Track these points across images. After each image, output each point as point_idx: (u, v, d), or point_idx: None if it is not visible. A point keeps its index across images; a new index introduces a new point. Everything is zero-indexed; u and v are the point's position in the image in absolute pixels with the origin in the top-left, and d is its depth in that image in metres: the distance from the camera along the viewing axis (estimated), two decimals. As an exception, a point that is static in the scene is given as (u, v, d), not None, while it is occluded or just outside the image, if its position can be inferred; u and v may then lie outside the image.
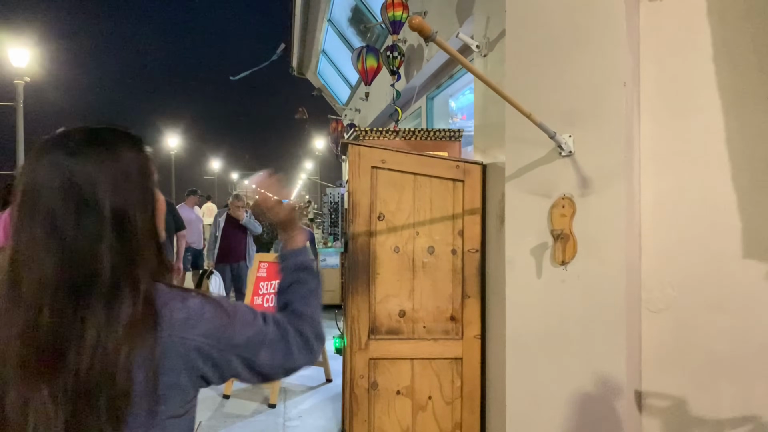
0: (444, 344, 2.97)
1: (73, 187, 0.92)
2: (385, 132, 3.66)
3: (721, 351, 2.31)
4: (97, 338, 0.89)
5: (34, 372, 0.88)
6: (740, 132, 2.25)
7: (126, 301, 0.93)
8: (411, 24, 1.70)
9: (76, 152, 0.95)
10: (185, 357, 0.97)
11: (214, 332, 1.00)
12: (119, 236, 0.95)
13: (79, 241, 0.92)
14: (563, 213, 2.43)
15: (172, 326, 0.96)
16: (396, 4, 4.44)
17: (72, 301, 0.91)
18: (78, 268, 0.92)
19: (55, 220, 0.92)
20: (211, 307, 1.02)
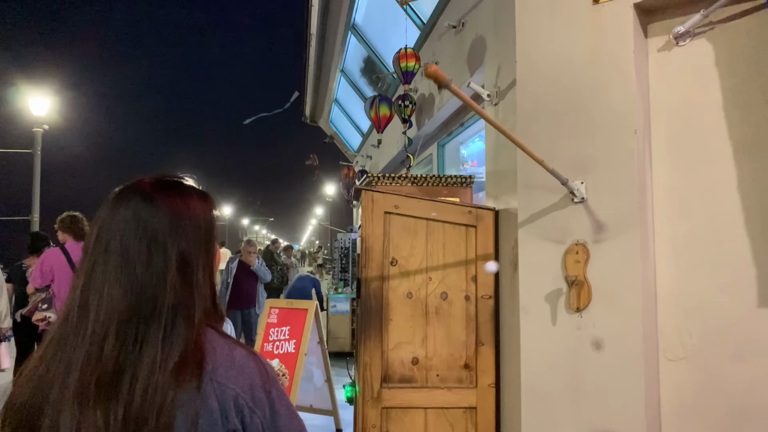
0: (458, 393, 2.92)
1: (147, 230, 1.02)
2: (398, 178, 3.70)
3: (743, 401, 2.25)
4: (150, 371, 0.94)
5: (92, 396, 0.93)
6: (753, 178, 2.26)
7: (180, 340, 0.98)
8: (427, 72, 1.74)
9: (151, 199, 1.04)
10: (222, 404, 0.98)
11: (252, 389, 1.02)
12: (182, 279, 1.02)
13: (146, 278, 0.99)
14: (577, 259, 2.42)
15: (215, 371, 0.99)
16: (409, 55, 4.56)
17: (134, 332, 0.97)
18: (143, 303, 0.98)
19: (128, 256, 1.00)
20: (254, 364, 1.05)
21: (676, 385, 2.41)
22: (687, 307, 2.40)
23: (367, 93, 8.48)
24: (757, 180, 2.25)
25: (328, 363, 5.11)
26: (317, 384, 5.21)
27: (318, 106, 12.40)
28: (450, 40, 4.24)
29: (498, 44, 3.18)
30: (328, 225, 30.13)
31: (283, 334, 4.97)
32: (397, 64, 4.60)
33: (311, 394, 5.24)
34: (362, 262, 2.98)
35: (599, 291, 2.39)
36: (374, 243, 2.96)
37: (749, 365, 2.23)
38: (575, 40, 2.53)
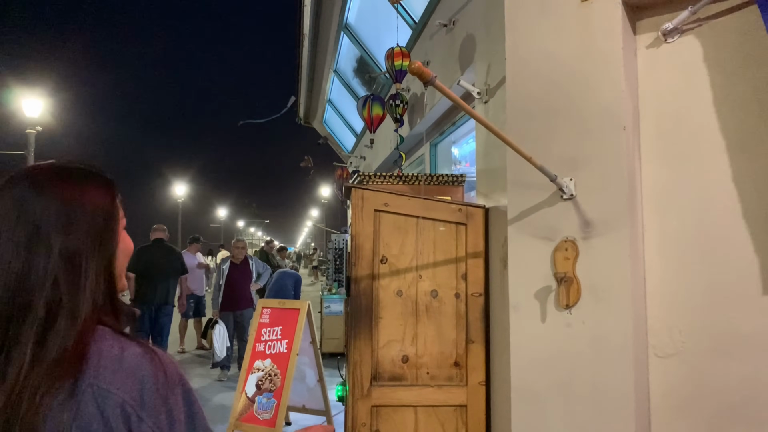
0: (448, 391, 2.91)
1: (29, 219, 0.92)
2: (389, 177, 3.69)
3: (732, 398, 2.24)
4: (17, 375, 0.85)
5: None
6: (743, 175, 2.26)
7: (57, 342, 0.89)
8: (411, 69, 1.73)
9: (39, 186, 0.95)
10: (103, 411, 0.87)
11: (141, 394, 0.91)
12: (66, 275, 0.93)
13: (23, 273, 0.91)
14: (566, 256, 2.42)
15: (98, 375, 0.89)
16: (400, 54, 4.55)
17: (3, 332, 0.88)
18: (17, 300, 0.89)
19: (4, 248, 0.91)
20: (149, 365, 0.93)
21: (665, 381, 2.41)
22: (676, 303, 2.40)
23: (360, 93, 8.47)
24: (746, 176, 2.25)
25: (321, 363, 5.10)
26: (310, 384, 5.19)
27: (312, 107, 12.39)
28: (441, 39, 4.24)
29: (488, 42, 3.18)
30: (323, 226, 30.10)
31: (275, 334, 4.95)
32: (389, 62, 4.59)
33: (304, 395, 5.22)
34: (352, 261, 2.97)
35: (588, 288, 2.38)
36: (364, 241, 2.95)
37: (739, 362, 2.23)
38: (564, 37, 2.53)
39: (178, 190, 39.18)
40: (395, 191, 3.09)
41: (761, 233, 2.21)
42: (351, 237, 3.00)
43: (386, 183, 3.66)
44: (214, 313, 7.06)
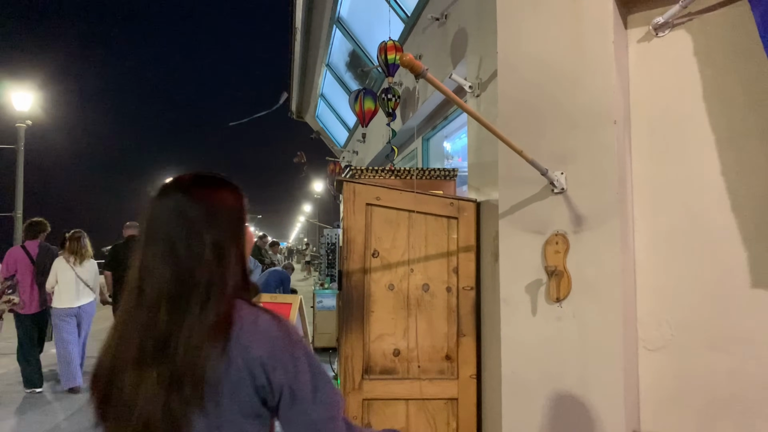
0: (439, 384, 2.92)
1: (186, 219, 1.20)
2: (381, 171, 3.69)
3: (720, 391, 2.26)
4: (189, 335, 1.12)
5: (148, 359, 1.13)
6: (732, 169, 2.27)
7: (213, 311, 1.15)
8: (402, 61, 1.73)
9: (190, 194, 1.23)
10: (247, 364, 1.14)
11: (273, 351, 1.16)
12: (216, 261, 1.19)
13: (187, 261, 1.18)
14: (557, 249, 2.43)
15: (240, 336, 1.15)
16: (391, 47, 4.54)
17: (178, 305, 1.15)
18: (185, 281, 1.17)
19: (172, 243, 1.19)
20: (278, 329, 1.19)
21: (654, 374, 2.42)
22: (666, 297, 2.41)
23: (352, 87, 8.45)
24: (736, 171, 2.26)
25: (313, 357, 5.09)
26: (302, 379, 5.18)
27: (304, 101, 12.35)
28: (433, 33, 4.23)
29: (480, 36, 3.17)
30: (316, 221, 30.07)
31: (267, 328, 4.94)
32: (381, 56, 4.58)
33: (296, 389, 5.21)
34: (344, 255, 2.97)
35: (579, 281, 2.39)
36: (356, 235, 2.94)
37: (727, 355, 2.25)
38: (556, 31, 2.53)
39: (170, 184, 38.93)
40: (387, 185, 3.09)
41: (749, 227, 2.22)
42: (343, 231, 3.00)
43: (378, 177, 3.65)
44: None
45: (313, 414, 1.17)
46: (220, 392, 1.11)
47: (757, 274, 2.19)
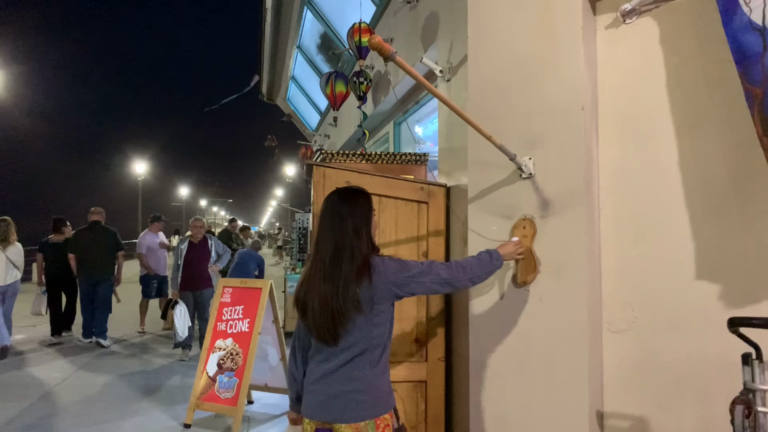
0: (409, 367, 2.94)
1: (338, 213, 2.07)
2: (352, 155, 3.67)
3: (680, 371, 2.33)
4: (346, 275, 1.99)
5: (324, 281, 2.01)
6: (694, 155, 2.32)
7: (357, 262, 2.00)
8: (371, 44, 1.71)
9: (340, 197, 2.12)
10: (386, 284, 2.02)
11: (398, 274, 2.04)
12: (355, 237, 2.03)
13: (339, 236, 2.03)
14: (524, 234, 2.45)
15: (379, 272, 2.02)
16: (362, 29, 4.50)
17: (338, 259, 2.01)
18: (339, 247, 2.02)
19: (331, 226, 2.06)
20: (397, 264, 2.06)
21: (618, 356, 2.48)
22: (630, 280, 2.46)
23: (324, 70, 8.36)
24: (698, 157, 2.31)
25: (284, 342, 5.09)
26: (272, 363, 5.18)
27: (275, 84, 12.19)
28: (405, 16, 4.21)
29: (451, 20, 3.16)
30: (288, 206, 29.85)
31: (237, 313, 4.92)
32: (351, 38, 4.54)
33: (266, 373, 5.22)
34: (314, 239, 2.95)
35: (546, 265, 2.43)
36: (326, 219, 2.93)
37: (687, 336, 2.31)
38: (525, 16, 2.53)
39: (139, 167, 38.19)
40: (358, 169, 3.07)
41: (707, 213, 2.27)
42: (313, 216, 2.98)
43: (349, 161, 3.64)
44: (173, 294, 6.95)
45: (426, 279, 2.07)
46: (374, 300, 1.99)
47: (712, 257, 2.25)
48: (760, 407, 1.77)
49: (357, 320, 1.98)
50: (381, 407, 2.03)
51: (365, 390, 2.01)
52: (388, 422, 2.04)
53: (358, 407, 1.99)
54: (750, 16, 2.00)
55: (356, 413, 1.99)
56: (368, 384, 2.01)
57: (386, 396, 2.07)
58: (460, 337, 2.85)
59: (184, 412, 4.86)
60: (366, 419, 1.99)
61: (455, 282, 2.11)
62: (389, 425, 2.04)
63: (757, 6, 1.98)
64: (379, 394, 2.03)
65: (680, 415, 2.32)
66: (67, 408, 5.16)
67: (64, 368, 6.59)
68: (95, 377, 6.21)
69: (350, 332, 2.00)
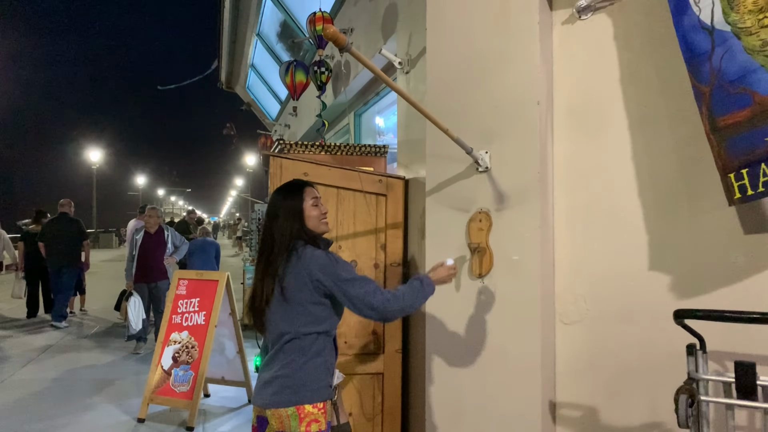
0: (365, 359, 2.94)
1: (273, 206, 2.17)
2: (311, 146, 3.63)
3: (630, 361, 2.39)
4: (277, 260, 2.06)
5: (256, 278, 2.14)
6: (644, 151, 2.37)
7: (282, 250, 2.07)
8: (326, 34, 1.68)
9: (277, 191, 2.22)
10: (307, 274, 2.02)
11: (325, 270, 2.02)
12: (285, 226, 2.10)
13: (270, 227, 2.14)
14: (480, 227, 2.47)
15: (302, 261, 2.03)
16: (322, 18, 4.44)
17: (266, 249, 2.11)
18: (270, 240, 2.12)
19: (268, 219, 2.17)
20: (327, 260, 2.04)
21: (570, 347, 2.53)
22: (582, 273, 2.51)
23: (284, 59, 8.25)
24: (649, 152, 2.36)
25: (240, 334, 5.03)
26: (229, 356, 5.11)
27: (234, 71, 11.96)
28: (365, 7, 4.17)
29: (410, 12, 3.15)
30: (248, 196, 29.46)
31: (193, 306, 4.83)
32: (311, 27, 4.48)
33: (223, 366, 5.15)
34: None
35: (500, 258, 2.45)
36: (282, 211, 2.89)
37: (636, 328, 2.37)
38: (483, 10, 2.54)
39: (93, 155, 37.07)
40: (317, 161, 3.04)
41: (656, 207, 2.33)
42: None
43: (308, 152, 3.60)
44: (127, 285, 6.79)
45: (351, 291, 2.01)
46: (293, 288, 2.02)
47: (661, 250, 2.31)
48: (703, 396, 1.83)
49: (280, 308, 2.04)
50: (305, 396, 1.99)
51: (289, 375, 2.00)
52: (315, 417, 1.99)
53: (281, 393, 1.99)
54: (699, 15, 2.05)
55: (279, 398, 1.99)
56: (294, 370, 2.01)
57: (314, 385, 2.03)
58: (417, 329, 2.87)
59: (137, 406, 4.76)
60: (287, 406, 1.97)
61: (385, 311, 2.00)
62: (317, 420, 1.99)
63: (706, 6, 2.03)
64: (304, 382, 2.01)
65: (629, 404, 2.38)
66: (13, 405, 4.99)
67: (12, 363, 6.37)
68: (44, 372, 6.02)
69: (273, 320, 2.06)
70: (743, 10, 1.93)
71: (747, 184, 1.94)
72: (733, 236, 2.15)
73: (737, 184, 1.97)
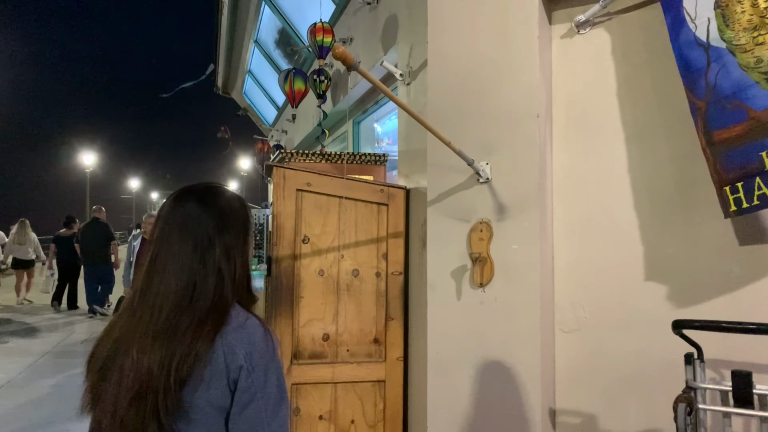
0: (367, 367, 2.98)
1: (199, 225, 1.32)
2: (311, 155, 3.67)
3: (627, 369, 2.44)
4: (184, 333, 1.24)
5: (149, 346, 1.23)
6: (641, 163, 2.43)
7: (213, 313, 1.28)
8: (334, 53, 1.73)
9: (203, 200, 1.35)
10: (227, 358, 1.23)
11: (251, 354, 1.25)
12: (225, 265, 1.32)
13: (195, 265, 1.29)
14: (481, 237, 2.52)
15: (229, 332, 1.25)
16: (323, 29, 4.49)
17: (181, 305, 1.27)
18: (191, 284, 1.28)
19: (183, 246, 1.31)
20: (263, 336, 1.28)
21: (569, 355, 2.58)
22: (580, 282, 2.56)
23: (282, 66, 8.29)
24: (645, 164, 2.42)
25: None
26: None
27: (231, 77, 11.99)
28: (365, 17, 4.22)
29: (411, 23, 3.20)
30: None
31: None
32: (312, 38, 4.52)
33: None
34: (273, 240, 2.95)
35: (501, 267, 2.50)
36: (286, 221, 2.93)
37: (633, 336, 2.42)
38: (483, 23, 2.59)
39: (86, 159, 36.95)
40: (318, 170, 3.08)
41: (653, 218, 2.39)
42: (273, 216, 2.97)
43: (308, 161, 3.64)
44: (125, 291, 6.82)
45: (267, 429, 1.24)
46: (198, 384, 1.20)
47: (658, 260, 2.37)
48: (700, 405, 1.88)
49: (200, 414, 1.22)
50: None
51: None
52: None
53: None
54: (695, 32, 2.11)
55: None
56: None
57: None
58: (418, 337, 2.91)
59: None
60: None
61: None
62: None
63: (702, 23, 2.09)
64: None
65: (626, 412, 2.43)
66: (11, 411, 4.99)
67: (8, 370, 6.36)
68: (42, 379, 6.02)
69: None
70: (738, 28, 1.99)
71: (742, 197, 1.99)
72: (728, 247, 2.20)
73: (733, 197, 2.02)
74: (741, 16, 1.97)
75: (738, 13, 1.98)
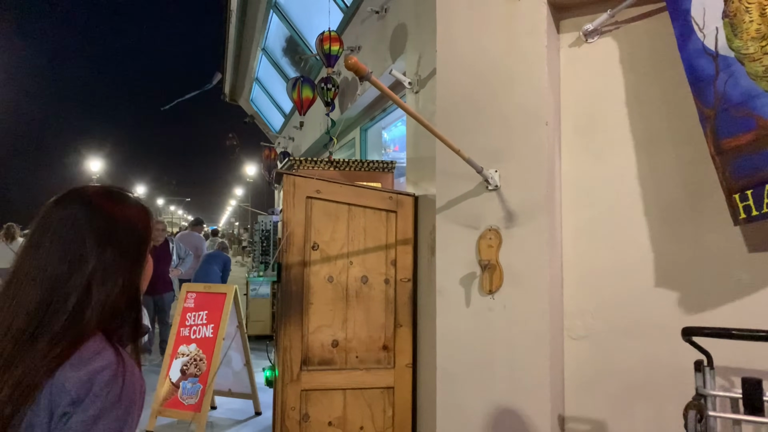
0: (376, 374, 2.99)
1: (79, 231, 1.08)
2: (320, 162, 3.70)
3: (636, 376, 2.44)
4: (30, 361, 1.00)
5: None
6: (650, 170, 2.44)
7: (66, 341, 1.03)
8: (347, 64, 1.75)
9: (90, 203, 1.12)
10: (52, 396, 0.98)
11: (84, 397, 0.98)
12: (99, 283, 1.08)
13: (66, 277, 1.06)
14: (490, 244, 2.53)
15: (64, 368, 1.00)
16: (332, 38, 4.53)
17: (34, 325, 1.03)
18: (53, 300, 1.05)
19: (52, 254, 1.07)
20: (110, 378, 1.01)
21: (577, 362, 2.58)
22: (589, 289, 2.57)
23: (289, 73, 8.34)
24: (654, 171, 2.43)
25: (248, 347, 5.07)
26: (236, 368, 5.16)
27: (238, 84, 12.07)
28: (373, 26, 4.25)
29: (419, 32, 3.23)
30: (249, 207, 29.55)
31: (201, 318, 4.88)
32: (320, 46, 4.56)
33: (230, 378, 5.19)
34: (283, 247, 2.97)
35: (510, 274, 2.51)
36: (296, 228, 2.96)
37: (642, 343, 2.43)
38: (491, 33, 2.61)
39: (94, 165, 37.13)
40: (327, 177, 3.11)
41: (662, 225, 2.40)
42: (282, 223, 3.00)
43: (317, 168, 3.67)
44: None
45: None
46: (18, 426, 0.96)
47: (666, 267, 2.38)
48: (711, 412, 1.89)
49: None
50: None
51: None
52: None
53: None
54: (704, 41, 2.13)
55: None
56: None
57: None
58: (427, 343, 2.92)
59: (145, 418, 4.79)
60: None
61: None
62: None
63: (710, 32, 2.10)
64: None
65: (636, 419, 2.44)
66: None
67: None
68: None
69: None
70: (746, 37, 2.01)
71: (752, 204, 2.00)
72: (737, 255, 2.21)
73: (742, 205, 2.03)
74: (749, 25, 1.99)
75: (746, 23, 1.99)
